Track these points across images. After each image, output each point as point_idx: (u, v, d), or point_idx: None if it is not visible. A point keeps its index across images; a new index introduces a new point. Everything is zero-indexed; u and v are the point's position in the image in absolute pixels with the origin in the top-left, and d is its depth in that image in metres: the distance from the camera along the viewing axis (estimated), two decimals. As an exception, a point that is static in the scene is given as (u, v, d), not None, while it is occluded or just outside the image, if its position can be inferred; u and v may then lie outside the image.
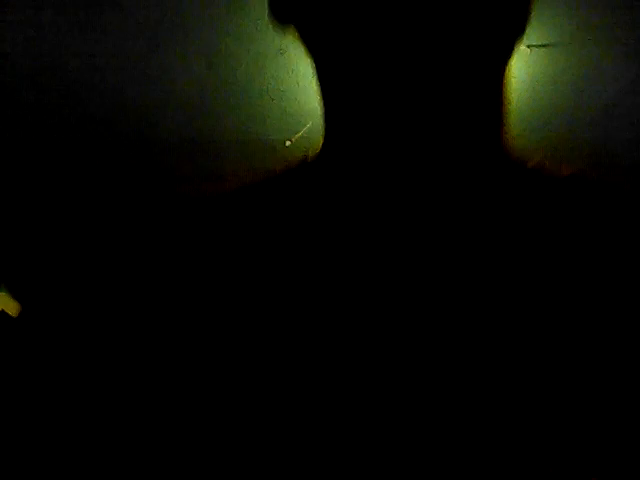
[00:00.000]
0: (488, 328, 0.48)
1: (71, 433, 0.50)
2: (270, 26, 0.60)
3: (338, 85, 0.54)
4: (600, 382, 0.45)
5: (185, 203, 0.59)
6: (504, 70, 0.58)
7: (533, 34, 3.49)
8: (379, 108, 0.53)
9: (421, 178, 0.53)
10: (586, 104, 4.03)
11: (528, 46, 3.51)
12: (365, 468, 0.45)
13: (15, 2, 3.23)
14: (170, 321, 0.52)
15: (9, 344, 0.54)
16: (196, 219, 0.57)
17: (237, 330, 0.50)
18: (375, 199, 0.54)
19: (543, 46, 3.53)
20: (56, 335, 0.54)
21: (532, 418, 0.45)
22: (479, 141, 0.55)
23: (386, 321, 0.49)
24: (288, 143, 3.96)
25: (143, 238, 0.56)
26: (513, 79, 0.60)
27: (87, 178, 4.54)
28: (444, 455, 0.44)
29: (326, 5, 0.53)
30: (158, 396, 0.49)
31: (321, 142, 0.58)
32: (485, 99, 0.56)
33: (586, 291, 0.49)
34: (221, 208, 0.58)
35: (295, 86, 3.43)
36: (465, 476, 0.44)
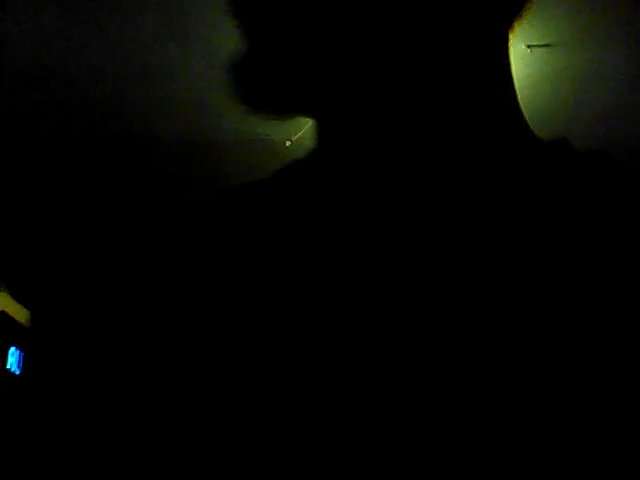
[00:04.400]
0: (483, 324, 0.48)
1: (71, 433, 0.51)
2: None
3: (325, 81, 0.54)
4: (601, 383, 0.45)
5: (185, 205, 0.59)
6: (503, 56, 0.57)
7: (533, 34, 3.49)
8: (370, 105, 0.53)
9: (417, 177, 0.53)
10: (586, 104, 4.03)
11: (528, 46, 3.51)
12: (365, 468, 0.45)
13: (15, 2, 3.24)
14: (171, 323, 0.52)
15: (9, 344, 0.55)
16: (195, 221, 0.57)
17: (236, 330, 0.51)
18: (370, 198, 0.54)
19: (543, 46, 3.53)
20: (57, 335, 0.54)
21: (532, 419, 0.45)
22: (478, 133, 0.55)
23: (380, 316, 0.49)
24: (288, 143, 3.96)
25: (144, 240, 0.56)
26: (513, 79, 0.60)
27: (87, 179, 4.55)
28: (444, 455, 0.45)
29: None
30: (156, 396, 0.50)
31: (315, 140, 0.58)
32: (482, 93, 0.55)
33: (585, 293, 0.49)
34: (220, 209, 0.58)
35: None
36: (465, 476, 0.44)
